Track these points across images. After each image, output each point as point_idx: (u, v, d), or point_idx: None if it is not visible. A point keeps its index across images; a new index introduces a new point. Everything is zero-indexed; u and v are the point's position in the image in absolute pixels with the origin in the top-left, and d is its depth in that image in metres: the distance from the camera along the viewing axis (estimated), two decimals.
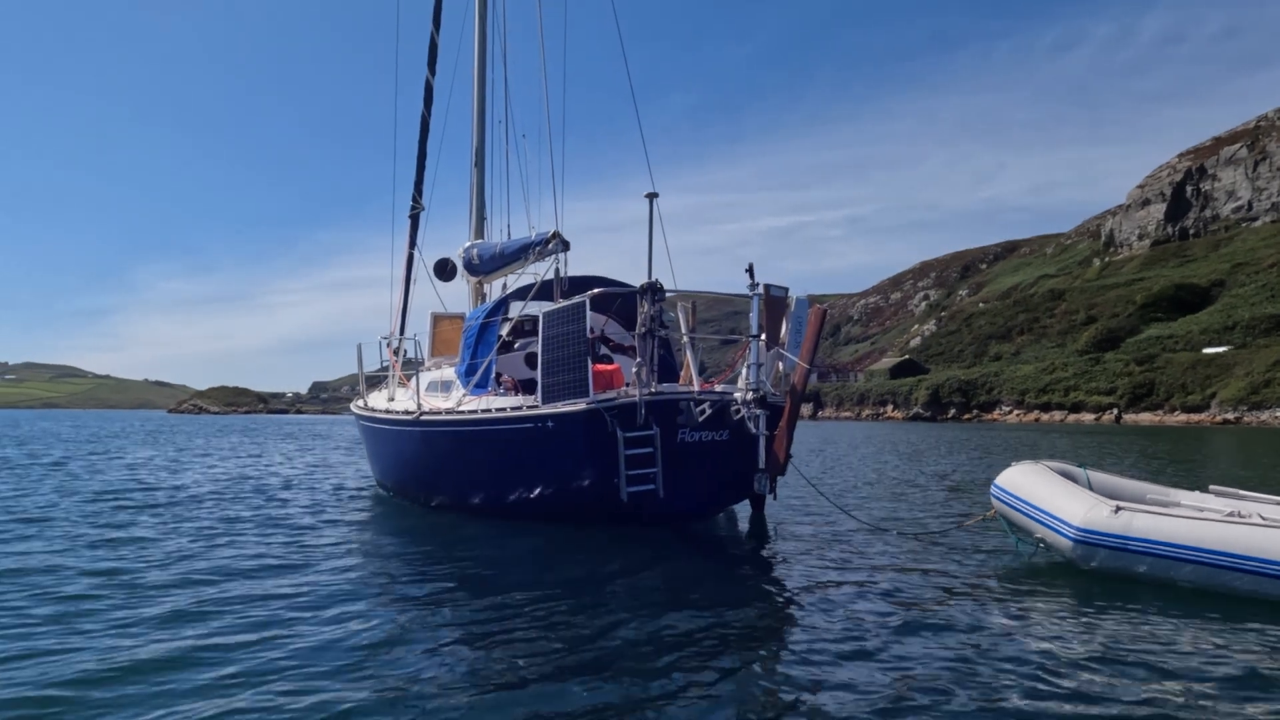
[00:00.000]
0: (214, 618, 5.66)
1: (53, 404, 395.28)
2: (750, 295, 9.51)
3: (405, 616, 5.82)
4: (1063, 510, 7.20)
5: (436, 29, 15.05)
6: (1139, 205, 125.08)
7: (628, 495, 9.02)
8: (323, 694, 4.24)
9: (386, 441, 13.31)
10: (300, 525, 10.18)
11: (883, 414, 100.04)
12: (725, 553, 8.94)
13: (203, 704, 4.10)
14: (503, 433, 10.08)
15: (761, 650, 5.09)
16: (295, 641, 5.13)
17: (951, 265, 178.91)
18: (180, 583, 6.77)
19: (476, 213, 14.98)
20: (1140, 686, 4.42)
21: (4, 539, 8.80)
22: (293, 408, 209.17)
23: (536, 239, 12.71)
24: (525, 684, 4.42)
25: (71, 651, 4.91)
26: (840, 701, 4.20)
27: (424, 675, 4.56)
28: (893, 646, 5.12)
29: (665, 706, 4.10)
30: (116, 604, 6.06)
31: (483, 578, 7.16)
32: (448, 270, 14.38)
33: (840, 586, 6.79)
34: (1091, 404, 79.93)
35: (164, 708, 4.06)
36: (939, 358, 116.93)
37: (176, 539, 8.97)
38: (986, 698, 4.25)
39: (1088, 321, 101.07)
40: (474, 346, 11.79)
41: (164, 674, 4.53)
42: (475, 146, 14.84)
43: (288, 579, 6.98)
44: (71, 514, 10.82)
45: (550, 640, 5.21)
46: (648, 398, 8.99)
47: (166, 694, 4.24)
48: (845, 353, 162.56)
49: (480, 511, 10.79)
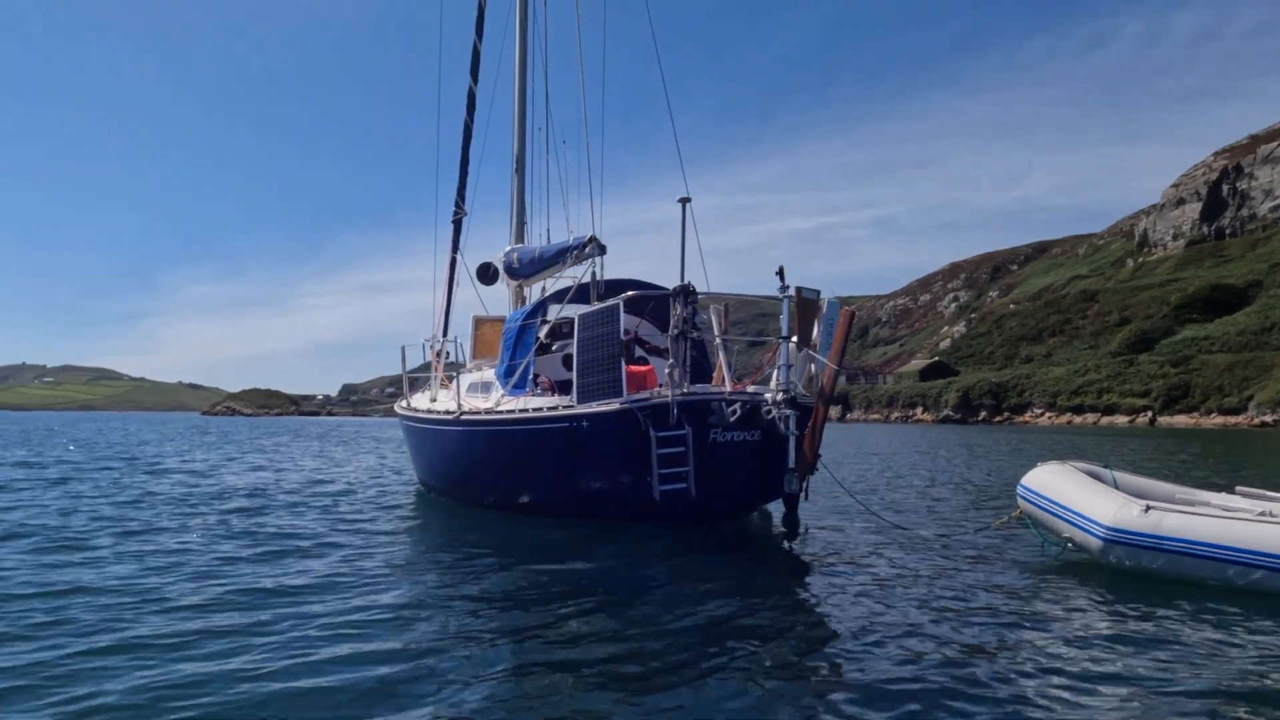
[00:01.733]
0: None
1: (90, 406, 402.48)
2: (781, 298, 9.72)
3: (456, 622, 6.03)
4: (1092, 510, 7.26)
5: (479, 38, 15.38)
6: (1173, 205, 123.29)
7: (660, 494, 9.19)
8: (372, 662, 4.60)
9: (428, 441, 13.65)
10: (370, 530, 10.55)
11: (912, 416, 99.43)
12: (758, 550, 9.16)
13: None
14: (539, 432, 10.34)
15: (787, 644, 5.22)
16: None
17: (981, 266, 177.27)
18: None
19: (517, 217, 15.33)
20: (1174, 683, 4.48)
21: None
22: (323, 410, 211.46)
23: (574, 243, 13.00)
24: (563, 673, 4.69)
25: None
26: (864, 697, 4.28)
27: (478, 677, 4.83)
28: (919, 643, 5.19)
29: (686, 695, 4.28)
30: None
31: (516, 572, 7.45)
32: (489, 274, 14.71)
33: (867, 584, 6.92)
34: (1125, 406, 79.00)
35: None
36: (969, 360, 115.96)
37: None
38: (1017, 695, 4.30)
39: (1121, 323, 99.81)
40: (513, 348, 12.09)
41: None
42: (515, 153, 15.19)
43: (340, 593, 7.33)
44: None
45: (579, 631, 5.46)
46: (680, 398, 9.19)
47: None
48: (874, 355, 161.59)
49: (518, 510, 11.08)
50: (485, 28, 15.55)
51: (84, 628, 5.32)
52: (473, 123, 15.43)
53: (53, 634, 5.18)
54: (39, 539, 8.72)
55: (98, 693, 4.21)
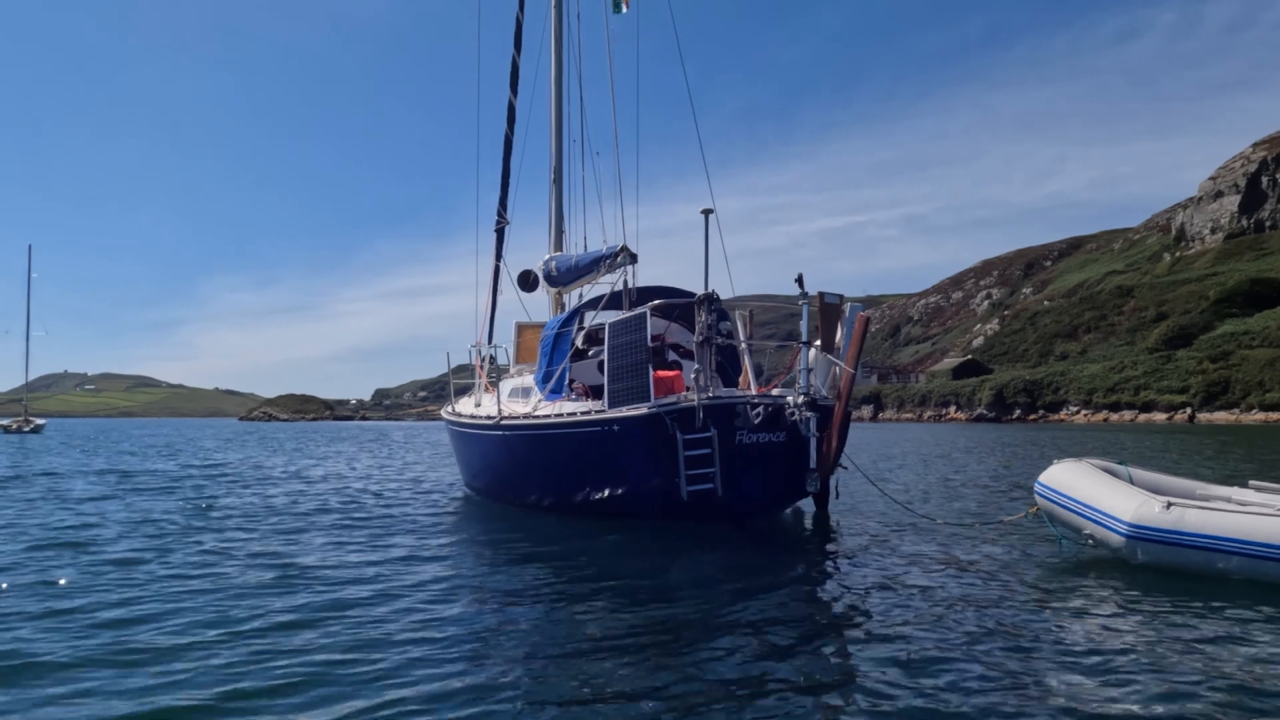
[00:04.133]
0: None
1: (130, 413, 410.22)
2: (800, 304, 10.01)
3: (506, 621, 6.26)
4: (1113, 507, 7.35)
5: (518, 52, 15.81)
6: (1211, 197, 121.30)
7: (688, 494, 9.58)
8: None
9: (472, 445, 14.10)
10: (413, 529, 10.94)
11: (945, 415, 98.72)
12: (788, 546, 9.42)
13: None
14: (573, 436, 10.77)
15: (812, 636, 5.40)
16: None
17: (1014, 263, 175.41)
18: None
19: (555, 226, 15.74)
20: (1197, 676, 4.56)
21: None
22: (357, 414, 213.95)
23: (606, 252, 13.41)
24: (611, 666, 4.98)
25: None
26: (887, 690, 4.38)
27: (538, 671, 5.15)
28: (940, 637, 5.31)
29: (711, 683, 4.51)
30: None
31: (558, 568, 7.79)
32: (530, 281, 15.12)
33: (892, 580, 7.03)
34: (1163, 403, 77.89)
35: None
36: (1003, 358, 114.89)
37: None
38: (1042, 689, 4.38)
39: (1158, 318, 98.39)
40: (550, 354, 12.52)
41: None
42: (554, 165, 15.59)
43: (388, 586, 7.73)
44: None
45: (614, 625, 5.73)
46: (705, 402, 9.54)
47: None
48: (905, 354, 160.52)
49: (555, 510, 11.49)
50: (523, 41, 15.99)
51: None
52: (513, 134, 15.87)
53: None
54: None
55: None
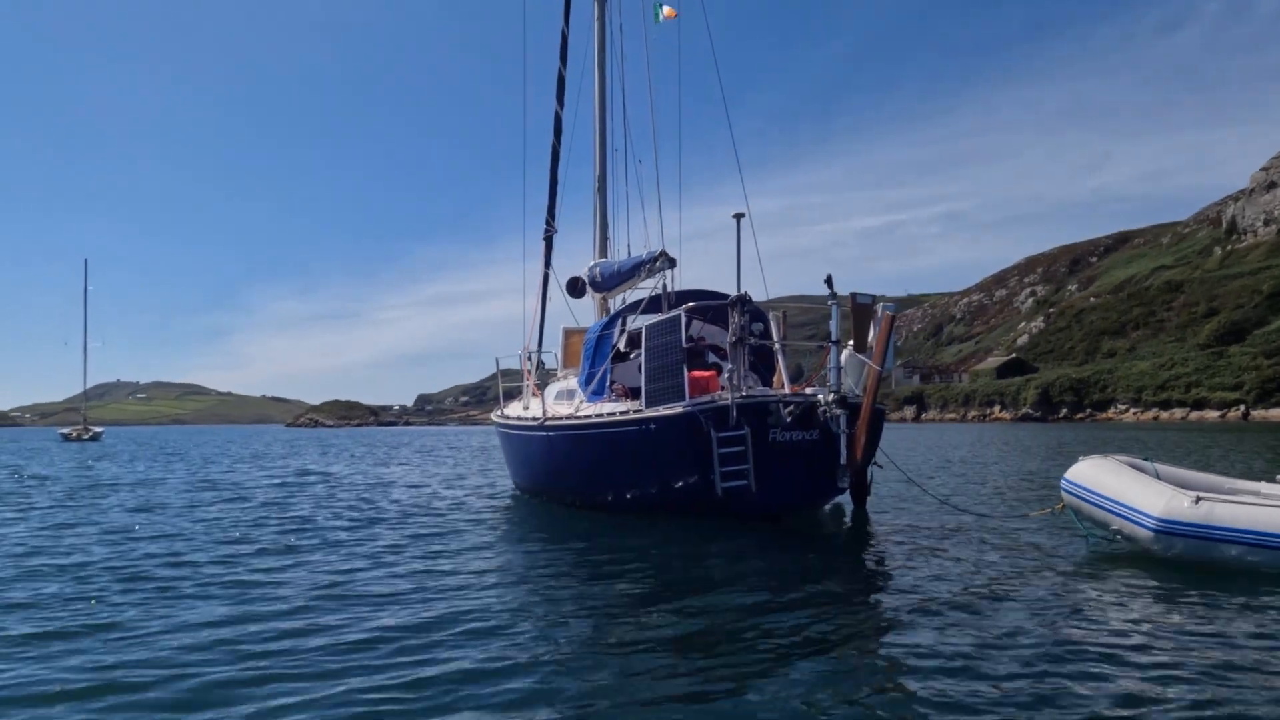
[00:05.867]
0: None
1: (180, 420, 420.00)
2: (829, 305, 10.27)
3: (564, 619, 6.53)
4: (1142, 502, 7.46)
5: (563, 65, 16.26)
6: (1263, 189, 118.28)
7: (722, 490, 9.90)
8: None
9: (518, 446, 14.62)
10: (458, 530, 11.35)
11: (989, 415, 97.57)
12: (824, 542, 9.73)
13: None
14: (612, 435, 11.19)
15: (845, 628, 5.58)
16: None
17: (1059, 259, 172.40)
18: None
19: (600, 233, 16.17)
20: (1225, 666, 4.65)
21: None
22: (401, 420, 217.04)
23: (646, 258, 13.85)
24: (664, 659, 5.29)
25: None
26: (917, 681, 4.48)
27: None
28: (973, 630, 5.42)
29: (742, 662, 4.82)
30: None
31: (597, 559, 8.13)
32: (578, 287, 15.56)
33: (926, 572, 7.25)
34: (1215, 400, 76.23)
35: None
36: (1048, 356, 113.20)
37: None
38: (1074, 680, 4.44)
39: (1209, 314, 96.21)
40: (592, 357, 13.01)
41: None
42: (597, 174, 16.02)
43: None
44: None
45: (661, 617, 6.07)
46: (738, 401, 9.86)
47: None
48: (948, 353, 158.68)
49: (596, 507, 11.89)
50: (568, 54, 16.43)
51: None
52: (560, 145, 16.35)
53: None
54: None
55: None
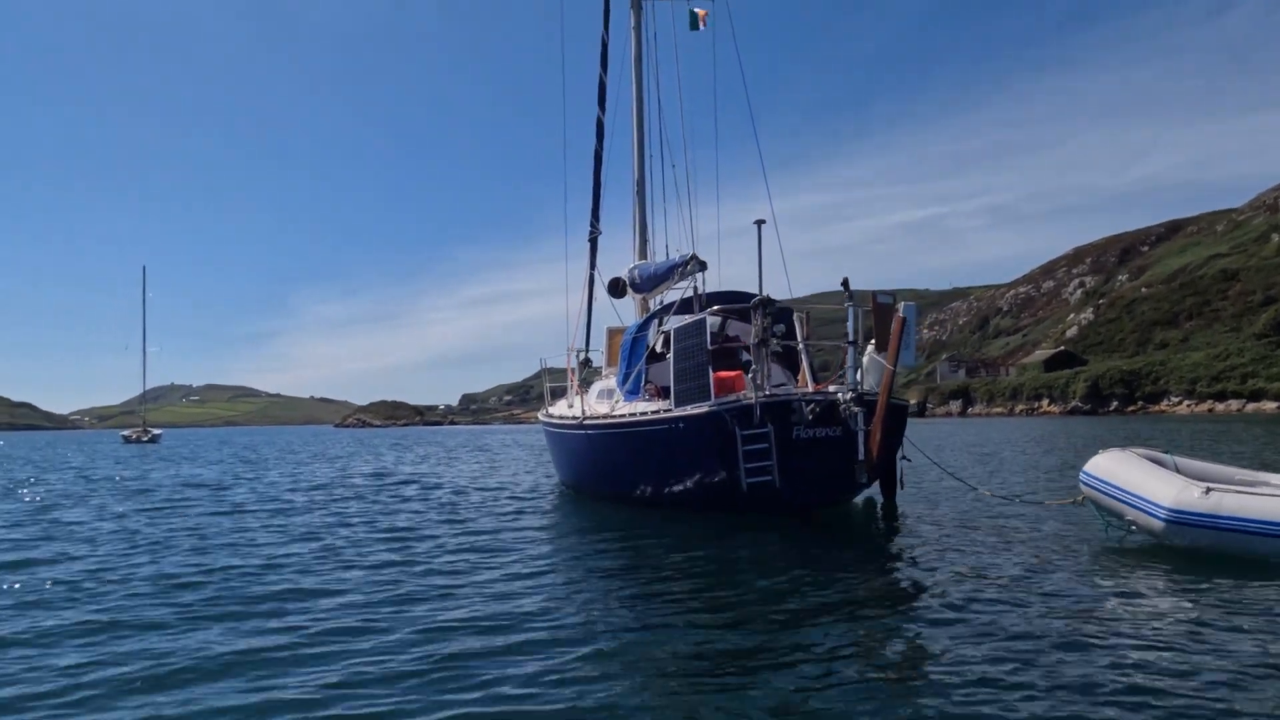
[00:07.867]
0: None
1: (233, 422, 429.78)
2: (846, 307, 10.58)
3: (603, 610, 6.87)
4: (1154, 493, 7.61)
5: (604, 71, 16.73)
6: None
7: (748, 486, 10.23)
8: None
9: (561, 444, 15.12)
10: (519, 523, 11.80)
11: (1037, 409, 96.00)
12: (854, 535, 10.03)
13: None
14: (644, 433, 11.59)
15: (871, 617, 5.78)
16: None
17: (1108, 249, 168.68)
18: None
19: (639, 235, 16.54)
20: (1236, 656, 4.71)
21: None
22: (446, 419, 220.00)
23: (679, 261, 14.21)
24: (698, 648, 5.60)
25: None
26: (938, 671, 4.60)
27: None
28: (992, 619, 5.58)
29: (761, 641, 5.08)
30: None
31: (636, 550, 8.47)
32: (620, 288, 15.97)
33: (953, 566, 7.43)
34: (1273, 391, 74.24)
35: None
36: (1098, 348, 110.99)
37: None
38: (1092, 669, 4.54)
39: (1266, 302, 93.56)
40: (628, 357, 13.48)
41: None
42: (635, 178, 16.41)
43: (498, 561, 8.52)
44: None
45: (684, 603, 6.37)
46: (762, 400, 10.16)
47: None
48: (995, 347, 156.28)
49: (631, 502, 12.31)
50: (608, 60, 16.85)
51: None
52: (602, 149, 16.76)
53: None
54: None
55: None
